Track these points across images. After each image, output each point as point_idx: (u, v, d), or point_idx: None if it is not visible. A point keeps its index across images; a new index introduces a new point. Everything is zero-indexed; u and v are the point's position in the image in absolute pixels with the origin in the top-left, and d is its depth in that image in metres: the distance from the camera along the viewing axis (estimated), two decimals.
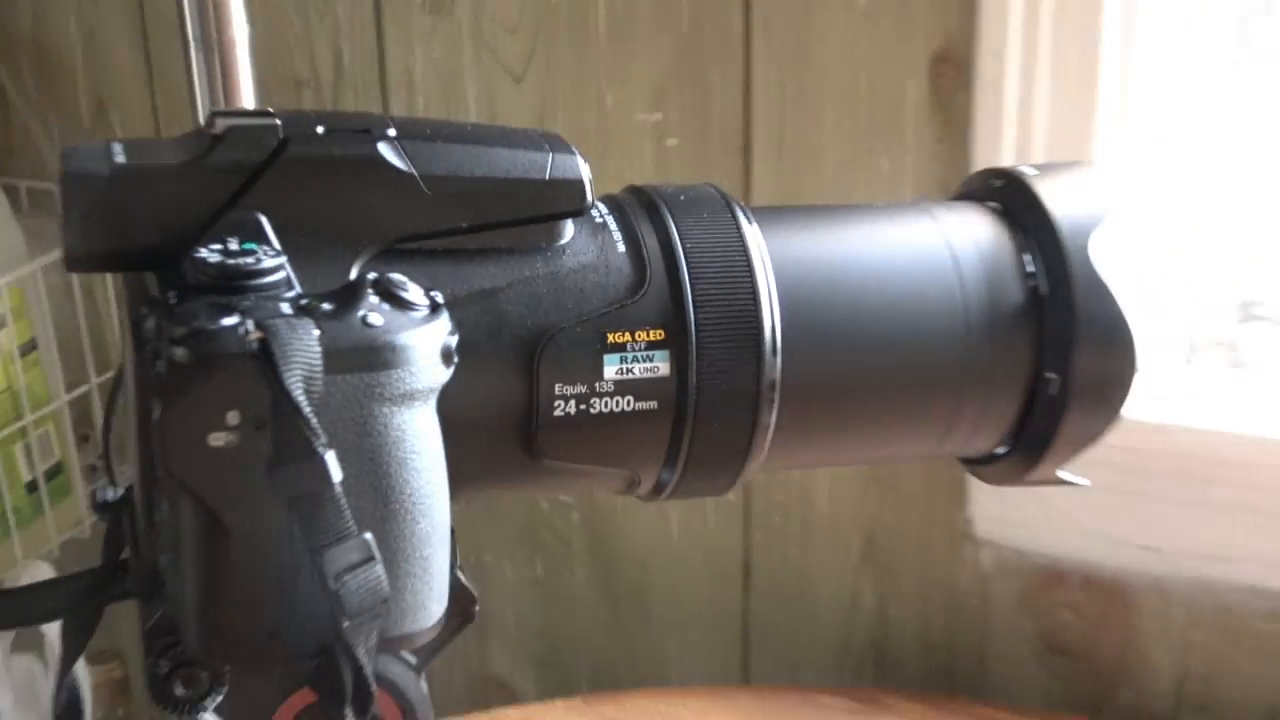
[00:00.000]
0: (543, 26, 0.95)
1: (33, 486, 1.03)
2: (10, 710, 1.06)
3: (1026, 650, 0.93)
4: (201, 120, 0.77)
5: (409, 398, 0.42)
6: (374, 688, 0.42)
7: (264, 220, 0.44)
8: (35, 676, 1.07)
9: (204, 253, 0.42)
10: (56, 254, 1.03)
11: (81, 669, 1.10)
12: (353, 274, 0.45)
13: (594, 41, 0.94)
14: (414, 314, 0.42)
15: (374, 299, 0.42)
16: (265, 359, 0.40)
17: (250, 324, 0.40)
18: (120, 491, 0.51)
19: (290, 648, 0.42)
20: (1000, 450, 0.54)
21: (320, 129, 0.45)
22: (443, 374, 0.43)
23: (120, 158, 0.45)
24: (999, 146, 0.85)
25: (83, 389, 1.06)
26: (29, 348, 1.02)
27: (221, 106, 0.76)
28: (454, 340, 0.43)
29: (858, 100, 0.88)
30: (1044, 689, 0.93)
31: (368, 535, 0.41)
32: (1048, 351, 0.52)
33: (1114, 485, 0.87)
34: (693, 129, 0.92)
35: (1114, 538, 0.88)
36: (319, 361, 0.40)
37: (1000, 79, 0.84)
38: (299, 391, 0.39)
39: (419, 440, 0.42)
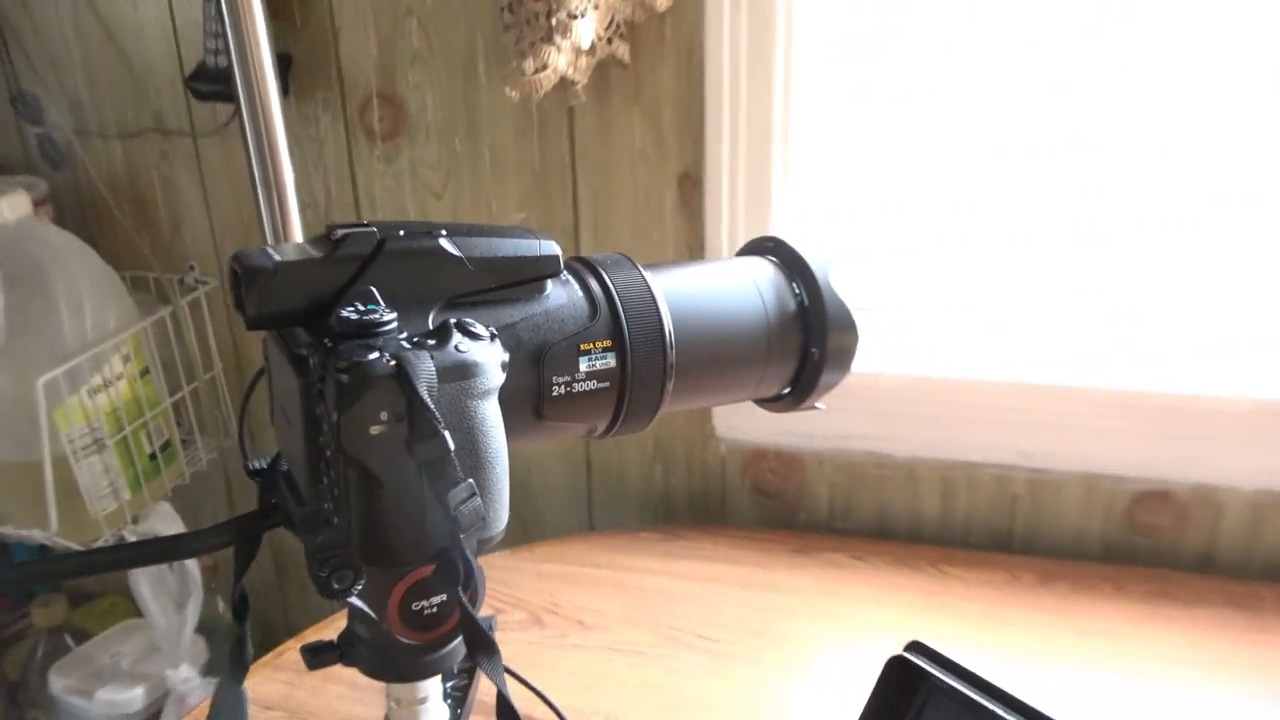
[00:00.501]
0: (453, 165, 0.90)
1: (153, 456, 0.95)
2: (149, 594, 0.98)
3: (746, 496, 0.93)
4: (268, 233, 0.72)
5: (487, 394, 0.39)
6: (474, 570, 0.40)
7: (375, 291, 0.40)
8: (162, 573, 0.99)
9: (345, 313, 0.38)
10: (157, 315, 0.97)
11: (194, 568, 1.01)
12: (430, 322, 0.42)
13: (483, 172, 0.89)
14: (483, 342, 0.40)
15: (458, 335, 0.39)
16: (401, 377, 0.37)
17: (387, 356, 0.37)
18: (265, 462, 0.46)
19: (422, 552, 0.39)
20: (784, 392, 0.55)
21: (401, 232, 0.42)
22: (501, 377, 0.40)
23: (277, 256, 0.40)
24: (719, 230, 0.84)
25: (178, 395, 0.98)
26: (144, 372, 0.93)
27: (275, 224, 0.70)
28: (506, 356, 0.41)
29: (638, 202, 0.86)
30: (756, 517, 0.93)
31: (470, 480, 0.38)
32: (811, 336, 0.52)
33: None
34: (543, 222, 0.89)
35: (791, 430, 0.90)
36: (434, 376, 0.38)
37: (718, 189, 0.83)
38: (425, 395, 0.37)
39: (492, 420, 0.39)
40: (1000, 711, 0.35)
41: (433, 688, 0.50)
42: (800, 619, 0.75)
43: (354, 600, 0.42)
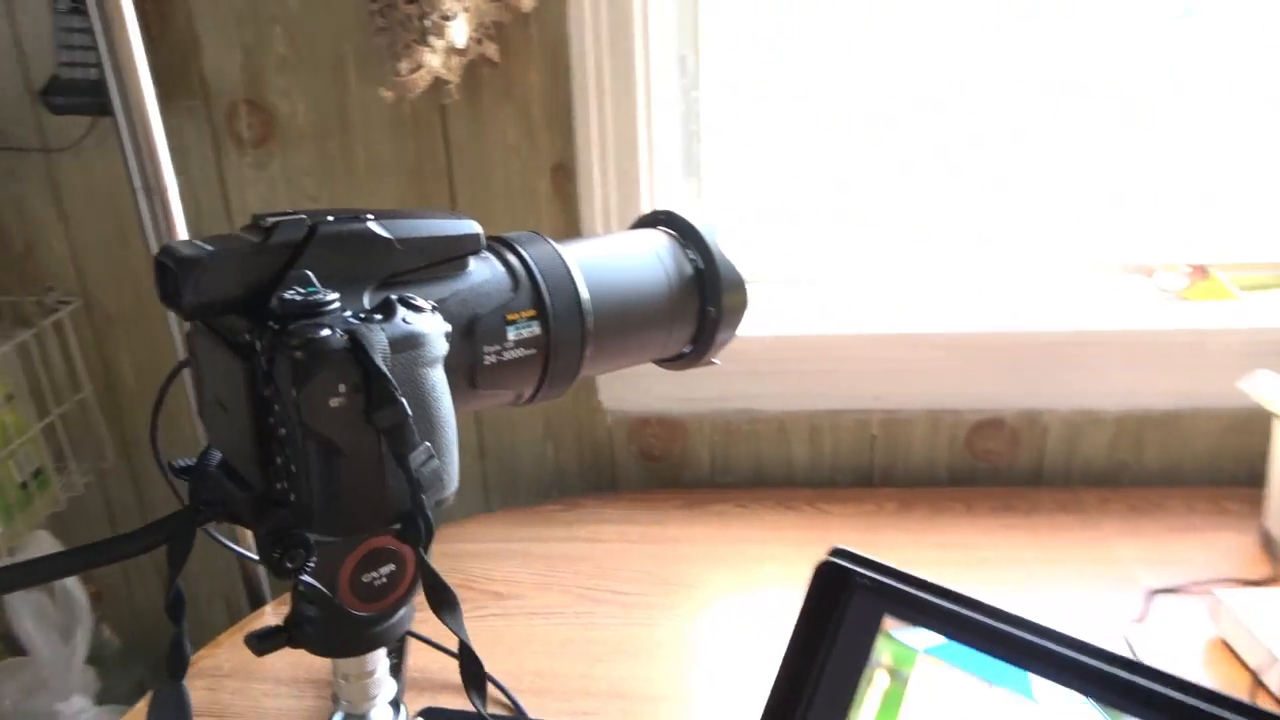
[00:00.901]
0: (327, 169, 0.87)
1: (24, 485, 0.87)
2: (33, 628, 0.90)
3: (634, 462, 0.95)
4: (151, 242, 0.67)
5: (435, 362, 0.39)
6: (433, 529, 0.40)
7: (310, 275, 0.40)
8: (44, 604, 0.91)
9: (287, 295, 0.38)
10: (17, 339, 0.88)
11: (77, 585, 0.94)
12: (366, 302, 0.41)
13: (358, 174, 0.87)
14: (426, 314, 0.40)
15: (402, 309, 0.39)
16: (356, 349, 0.37)
17: (339, 331, 0.37)
18: (192, 461, 0.45)
19: (385, 517, 0.39)
20: (685, 351, 0.57)
21: (330, 218, 0.42)
22: (445, 347, 0.40)
23: (208, 247, 0.39)
24: (593, 215, 0.85)
25: (47, 420, 0.90)
26: (8, 398, 0.86)
27: (160, 232, 0.66)
28: (449, 327, 0.41)
29: (514, 194, 0.86)
30: (645, 480, 0.95)
31: (427, 443, 0.39)
32: (707, 297, 0.55)
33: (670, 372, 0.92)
34: None
35: (671, 397, 0.93)
36: (387, 347, 0.38)
37: (589, 177, 0.84)
38: (381, 364, 0.37)
39: (441, 386, 0.39)
40: (915, 592, 0.39)
41: (381, 660, 0.50)
42: (700, 564, 0.78)
43: (307, 578, 0.41)
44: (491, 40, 0.80)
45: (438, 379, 0.39)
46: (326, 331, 0.36)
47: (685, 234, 0.55)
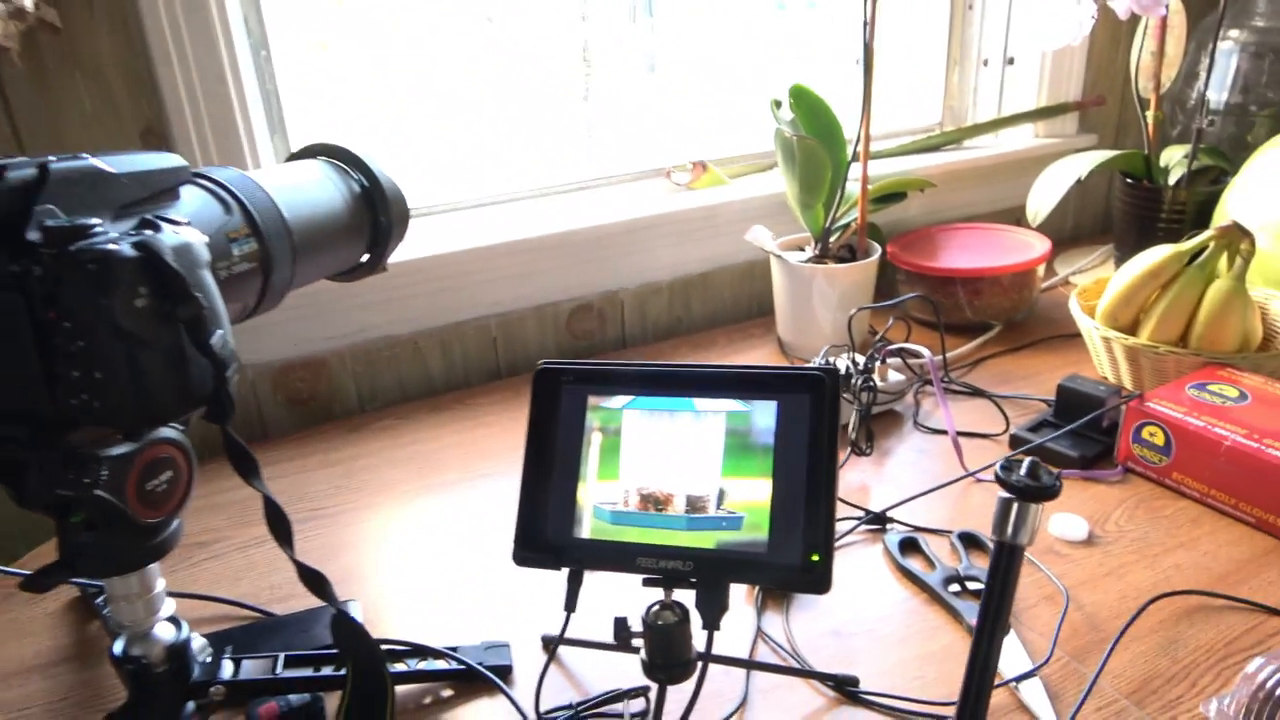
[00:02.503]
0: None
1: None
2: None
3: (282, 409, 0.97)
4: None
5: (206, 264, 0.45)
6: (235, 403, 0.46)
7: (55, 209, 0.42)
8: None
9: (50, 223, 0.41)
10: None
11: None
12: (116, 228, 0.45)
13: None
14: (186, 226, 0.45)
15: (164, 224, 0.44)
16: (149, 255, 0.41)
17: (125, 243, 0.41)
18: None
19: (192, 399, 0.44)
20: (364, 259, 0.66)
21: (51, 158, 0.44)
22: (208, 254, 0.46)
23: None
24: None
25: None
26: None
27: None
28: (207, 237, 0.46)
29: None
30: (296, 424, 0.98)
31: (221, 329, 0.44)
32: (378, 209, 0.65)
33: (305, 314, 0.97)
34: None
35: (311, 339, 0.98)
36: (171, 252, 0.43)
37: (186, 136, 0.85)
38: (175, 266, 0.42)
39: (213, 285, 0.45)
40: (606, 374, 0.55)
41: (159, 576, 0.54)
42: (387, 465, 0.87)
43: (100, 491, 0.45)
44: (49, 4, 0.78)
45: (210, 279, 0.45)
46: (114, 245, 0.41)
47: (345, 160, 0.64)
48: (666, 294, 1.13)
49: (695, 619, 0.51)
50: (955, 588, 0.65)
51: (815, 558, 0.48)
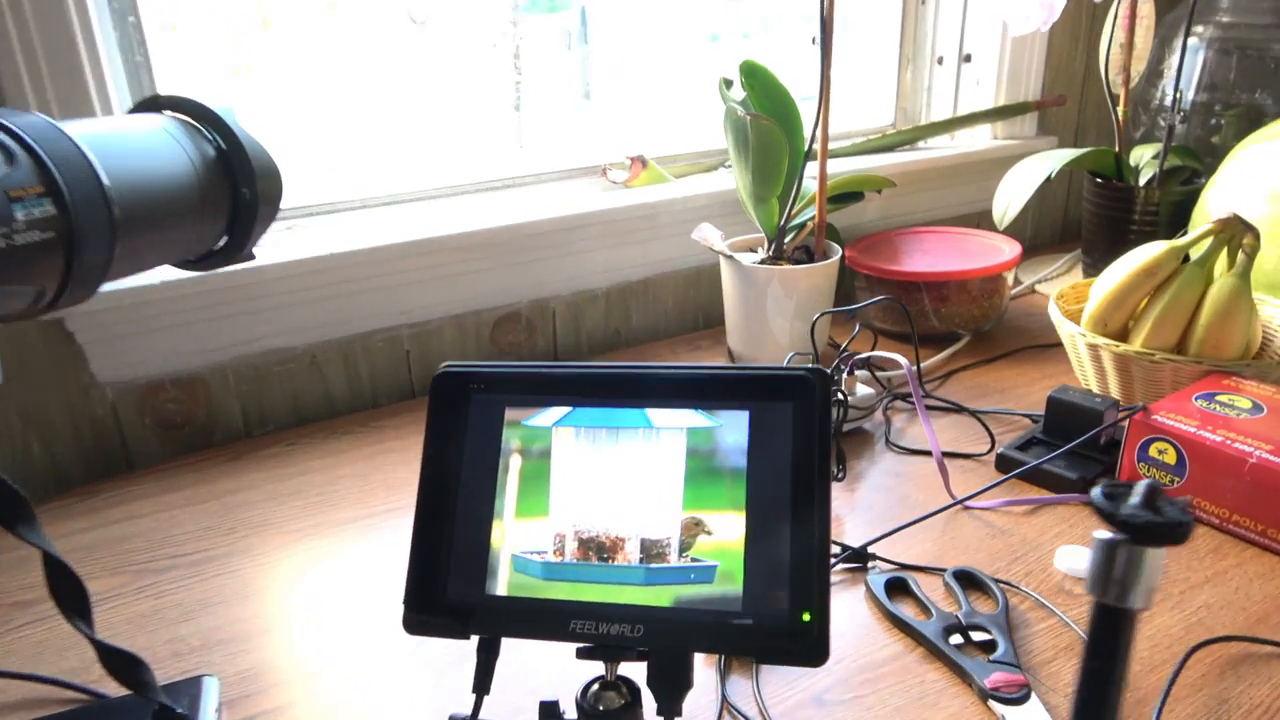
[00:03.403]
0: None
1: None
2: None
3: (151, 435, 0.82)
4: None
5: None
6: None
7: None
8: None
9: None
10: None
11: None
12: None
13: None
14: None
15: None
16: None
17: None
18: None
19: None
20: (221, 243, 0.52)
21: None
22: None
23: None
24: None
25: None
26: None
27: None
28: None
29: None
30: (169, 452, 0.83)
31: None
32: (239, 178, 0.51)
33: (177, 323, 0.83)
34: None
35: (184, 352, 0.83)
36: None
37: (16, 76, 0.73)
38: None
39: None
40: (530, 379, 0.42)
41: None
42: (267, 502, 0.73)
43: None
44: None
45: None
46: None
47: (196, 116, 0.51)
48: (603, 302, 1.01)
49: (648, 700, 0.38)
50: (957, 639, 0.54)
51: (807, 617, 0.37)
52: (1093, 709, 0.23)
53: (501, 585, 0.40)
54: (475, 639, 0.40)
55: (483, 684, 0.40)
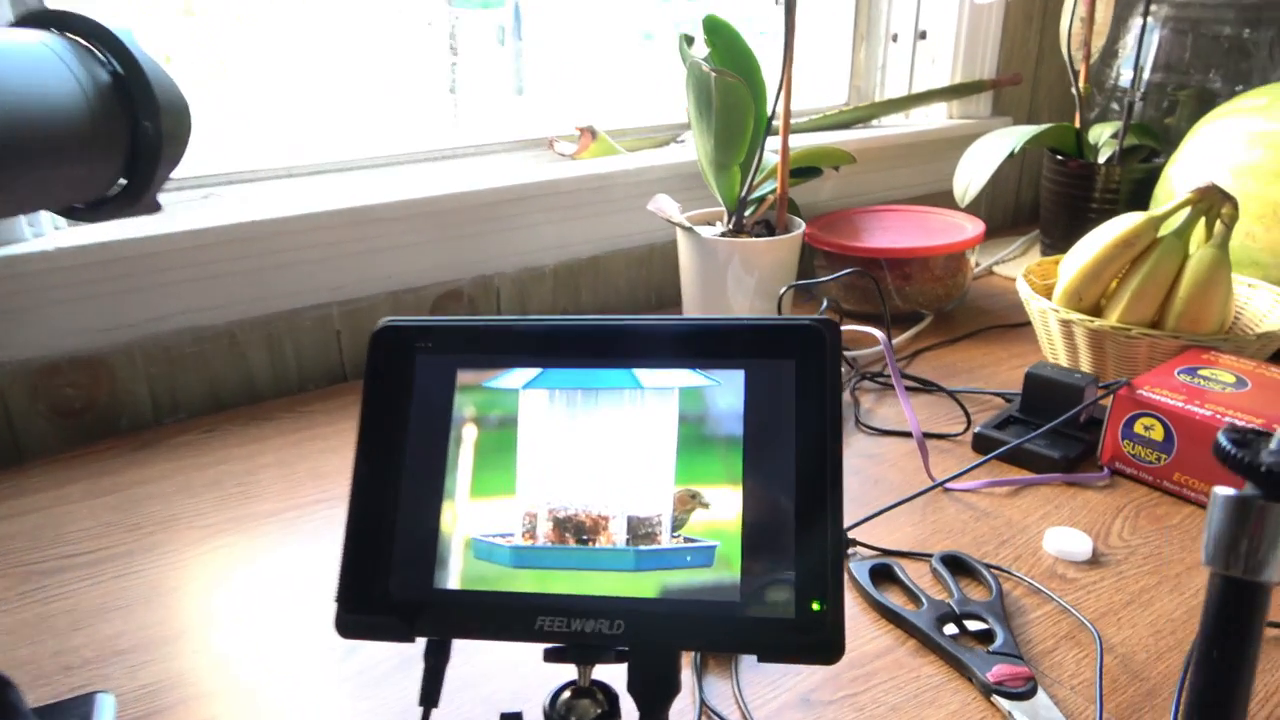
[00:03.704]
0: None
1: None
2: None
3: (46, 424, 0.73)
4: None
5: None
6: None
7: None
8: None
9: None
10: None
11: None
12: None
13: None
14: None
15: None
16: None
17: None
18: None
19: None
20: (119, 187, 0.45)
21: None
22: None
23: None
24: None
25: None
26: None
27: None
28: None
29: None
30: (66, 441, 0.74)
31: None
32: (140, 109, 0.44)
33: (76, 295, 0.74)
34: None
35: (85, 329, 0.74)
36: None
37: None
38: None
39: None
40: (488, 337, 0.36)
41: None
42: (178, 495, 0.65)
43: None
44: None
45: None
46: None
47: (89, 36, 0.43)
48: (550, 280, 0.94)
49: (628, 708, 0.32)
50: (952, 629, 0.50)
51: (817, 606, 0.31)
52: (1218, 710, 0.19)
53: (454, 578, 0.33)
54: (421, 641, 0.34)
55: (431, 694, 0.34)
